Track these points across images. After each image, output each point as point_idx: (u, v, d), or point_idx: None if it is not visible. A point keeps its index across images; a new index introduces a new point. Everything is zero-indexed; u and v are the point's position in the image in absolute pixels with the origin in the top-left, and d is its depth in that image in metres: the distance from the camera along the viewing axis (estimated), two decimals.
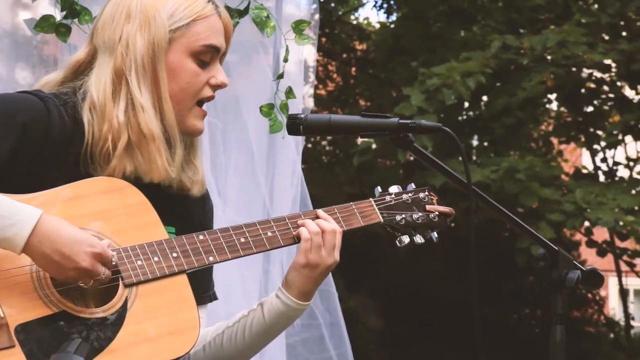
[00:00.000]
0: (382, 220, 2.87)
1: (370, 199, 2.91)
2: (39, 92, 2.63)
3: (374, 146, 11.01)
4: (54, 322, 2.43)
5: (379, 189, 2.94)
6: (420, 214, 2.91)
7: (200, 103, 2.72)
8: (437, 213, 2.93)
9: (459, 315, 11.91)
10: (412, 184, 2.99)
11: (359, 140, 11.37)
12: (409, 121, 2.70)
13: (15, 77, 4.35)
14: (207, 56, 2.70)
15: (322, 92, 15.25)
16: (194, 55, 2.69)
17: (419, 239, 2.91)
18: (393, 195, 2.93)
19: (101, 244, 2.45)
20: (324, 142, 15.37)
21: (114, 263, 2.48)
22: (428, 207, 2.93)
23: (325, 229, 2.76)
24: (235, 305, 2.97)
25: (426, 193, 2.96)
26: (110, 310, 2.49)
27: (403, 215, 2.89)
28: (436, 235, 2.94)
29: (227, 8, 2.89)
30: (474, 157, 12.52)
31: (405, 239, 2.89)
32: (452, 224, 3.00)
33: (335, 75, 15.66)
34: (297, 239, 2.76)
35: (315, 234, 2.75)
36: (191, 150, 2.77)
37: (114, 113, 2.61)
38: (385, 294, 14.66)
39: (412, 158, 2.83)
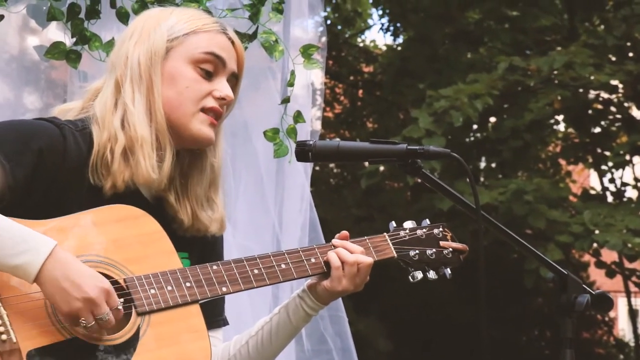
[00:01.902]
0: (395, 255, 2.88)
1: (384, 233, 2.91)
2: (55, 119, 2.66)
3: (381, 168, 11.02)
4: (66, 349, 2.43)
5: (393, 224, 2.94)
6: (433, 250, 2.92)
7: (204, 112, 2.72)
8: (450, 249, 2.94)
9: (468, 337, 11.89)
10: (427, 220, 2.99)
11: None
12: (417, 147, 2.70)
13: (23, 101, 4.38)
14: (209, 66, 2.71)
15: (330, 114, 15.27)
16: (194, 64, 2.70)
17: (432, 274, 2.91)
18: (407, 231, 2.93)
19: (110, 284, 2.46)
20: (331, 165, 15.37)
21: (119, 308, 2.47)
22: (442, 243, 2.94)
23: (361, 261, 2.79)
24: (244, 331, 2.98)
25: (440, 229, 2.97)
26: (122, 338, 2.49)
27: (417, 251, 2.90)
28: (449, 271, 2.94)
29: (236, 32, 2.90)
30: (482, 179, 12.53)
31: (419, 275, 2.90)
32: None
33: (342, 98, 15.67)
34: (310, 272, 2.78)
35: (351, 264, 2.78)
36: (212, 187, 2.79)
37: (112, 122, 2.64)
38: (394, 316, 14.63)
39: (420, 180, 2.84)
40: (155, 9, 2.88)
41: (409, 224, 2.96)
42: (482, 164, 13.38)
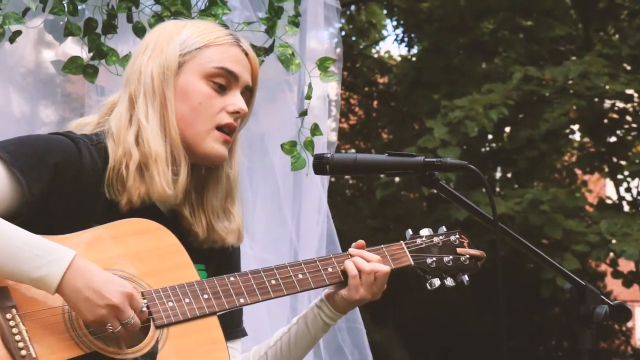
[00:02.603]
0: (412, 263, 2.87)
1: (401, 241, 2.90)
2: (70, 133, 2.66)
3: (397, 179, 11.01)
4: None
5: (409, 231, 2.93)
6: (451, 257, 2.91)
7: (219, 130, 2.71)
8: (467, 256, 2.94)
9: (485, 348, 11.85)
10: (443, 227, 2.98)
11: None
12: (434, 159, 2.70)
13: (39, 115, 4.39)
14: (222, 80, 2.69)
15: (345, 125, 15.28)
16: (207, 78, 2.68)
17: (449, 281, 2.91)
18: (424, 238, 2.92)
19: (132, 288, 2.46)
20: (347, 176, 15.38)
21: (144, 310, 2.48)
22: (459, 250, 2.93)
23: (378, 270, 2.79)
24: (263, 342, 2.99)
25: (457, 236, 2.96)
26: (142, 352, 2.50)
27: (434, 258, 2.89)
28: (467, 278, 2.94)
29: (252, 46, 2.90)
30: (498, 189, 12.51)
31: (436, 282, 2.89)
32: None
33: (357, 109, 15.69)
34: (327, 282, 2.78)
35: (368, 272, 2.77)
36: (228, 198, 2.78)
37: (127, 137, 2.64)
38: (411, 326, 14.61)
39: (435, 190, 2.85)
40: (169, 22, 2.88)
41: (425, 232, 2.95)
42: (498, 174, 13.37)
